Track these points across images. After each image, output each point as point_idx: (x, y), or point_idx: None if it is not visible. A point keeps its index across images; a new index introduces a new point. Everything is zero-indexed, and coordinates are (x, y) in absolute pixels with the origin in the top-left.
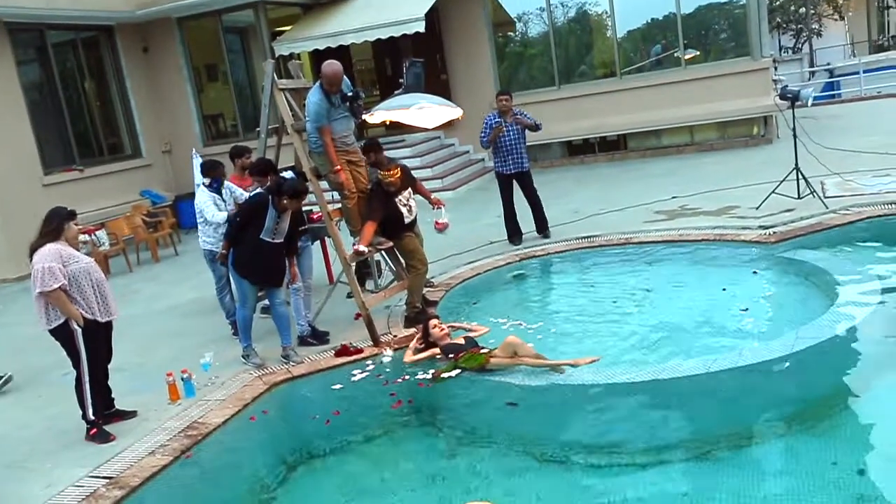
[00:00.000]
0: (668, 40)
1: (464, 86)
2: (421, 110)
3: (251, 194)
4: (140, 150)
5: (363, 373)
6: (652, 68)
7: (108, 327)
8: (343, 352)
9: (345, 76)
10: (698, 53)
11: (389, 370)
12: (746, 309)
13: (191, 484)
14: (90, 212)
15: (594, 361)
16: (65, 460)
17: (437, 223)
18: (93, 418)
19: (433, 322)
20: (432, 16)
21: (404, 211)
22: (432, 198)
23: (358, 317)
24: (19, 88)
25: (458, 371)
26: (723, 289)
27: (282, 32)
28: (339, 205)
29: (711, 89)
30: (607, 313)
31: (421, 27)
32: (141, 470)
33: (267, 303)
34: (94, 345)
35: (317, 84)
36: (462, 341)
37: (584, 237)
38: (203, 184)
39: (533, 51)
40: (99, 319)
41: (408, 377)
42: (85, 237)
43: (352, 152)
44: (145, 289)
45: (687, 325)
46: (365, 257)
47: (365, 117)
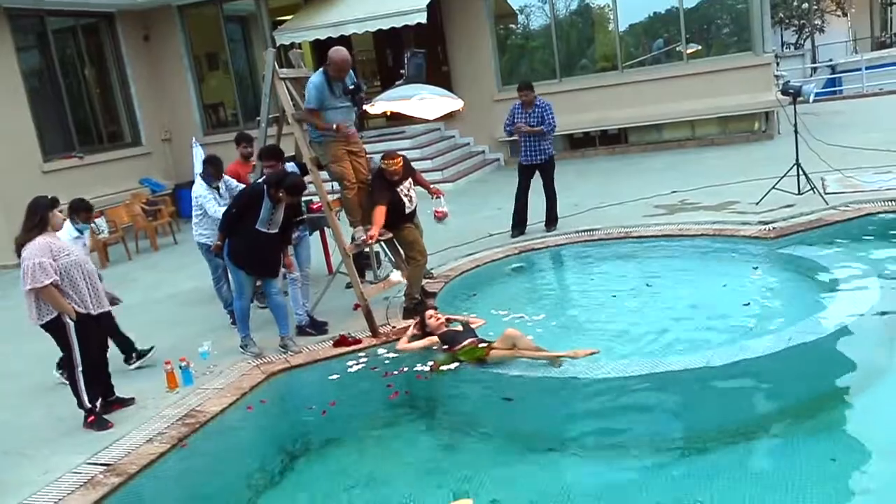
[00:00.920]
0: (671, 34)
1: (465, 77)
2: (422, 101)
3: (245, 185)
4: (140, 138)
5: (358, 364)
6: (654, 62)
7: (103, 318)
8: (342, 342)
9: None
10: (700, 48)
11: (389, 362)
12: (748, 304)
13: (188, 472)
14: (89, 199)
15: (593, 353)
16: (63, 447)
17: (436, 212)
18: (89, 406)
19: (429, 312)
20: (434, 7)
21: (406, 201)
22: (431, 187)
23: (357, 307)
24: (19, 75)
25: (457, 364)
26: (723, 284)
27: (283, 21)
28: (339, 195)
29: (713, 84)
30: (606, 307)
31: (423, 18)
32: (138, 457)
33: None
34: (87, 337)
35: (321, 69)
36: (460, 329)
37: (584, 230)
38: (199, 175)
39: (534, 43)
40: (92, 312)
41: (406, 369)
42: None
43: (353, 143)
44: (144, 277)
45: (685, 320)
46: (364, 248)
47: (366, 107)
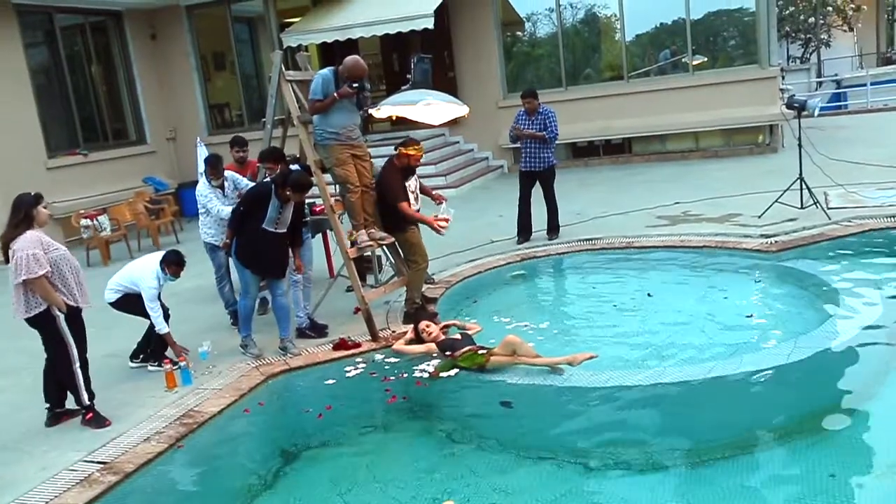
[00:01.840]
0: (677, 46)
1: (471, 84)
2: (427, 107)
3: (255, 184)
4: (145, 136)
5: (357, 369)
6: (659, 73)
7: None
8: (341, 345)
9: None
10: (706, 60)
11: (388, 367)
12: (750, 316)
13: (185, 472)
14: (93, 196)
15: (591, 358)
16: (60, 444)
17: (441, 219)
18: (88, 403)
19: (422, 325)
20: (441, 12)
21: (412, 198)
22: (433, 193)
23: (357, 311)
24: (27, 71)
25: (457, 370)
26: (724, 297)
27: (290, 24)
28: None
29: (718, 96)
30: (607, 316)
31: (430, 23)
32: (135, 456)
33: (262, 297)
34: (78, 332)
35: (333, 67)
36: (459, 337)
37: (586, 239)
38: (202, 174)
39: (540, 51)
40: (80, 305)
41: (405, 375)
42: (87, 222)
43: (357, 146)
44: None
45: (686, 331)
46: (366, 252)
47: (371, 112)
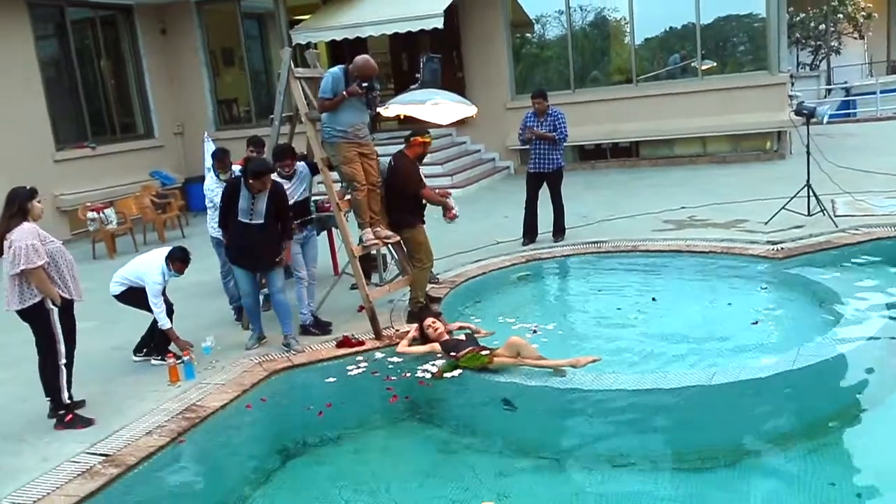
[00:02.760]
0: (686, 50)
1: (479, 84)
2: (436, 106)
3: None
4: (152, 130)
5: (359, 367)
6: (668, 77)
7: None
8: (345, 343)
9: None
10: (715, 65)
11: (391, 366)
12: (756, 322)
13: (186, 466)
14: (99, 189)
15: (595, 361)
16: (62, 435)
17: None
18: (68, 402)
19: (428, 322)
20: (451, 12)
21: None
22: (438, 190)
23: (361, 309)
24: (36, 64)
25: (460, 371)
26: (728, 303)
27: (300, 21)
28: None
29: (727, 101)
30: (610, 319)
31: (440, 23)
32: (137, 449)
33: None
34: (70, 325)
35: (343, 66)
36: (463, 338)
37: (592, 242)
38: (209, 169)
39: (549, 53)
40: (74, 299)
41: (408, 374)
42: (93, 214)
43: (364, 145)
44: None
45: (690, 336)
46: (371, 250)
47: (379, 110)
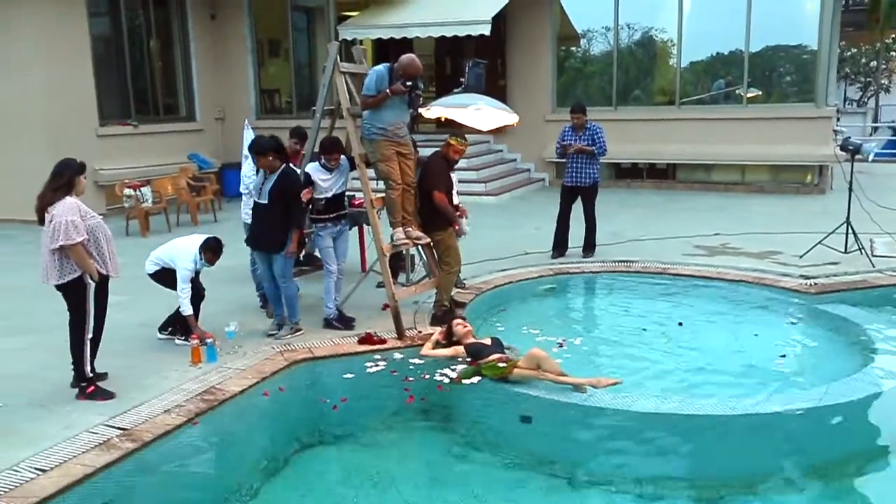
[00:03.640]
0: (732, 76)
1: (520, 94)
2: (478, 111)
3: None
4: (194, 113)
5: (378, 365)
6: (712, 102)
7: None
8: (367, 340)
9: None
10: (760, 93)
11: (412, 368)
12: (784, 356)
13: (200, 447)
14: (138, 167)
15: (616, 384)
16: (83, 405)
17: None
18: (91, 375)
19: (457, 321)
20: (499, 20)
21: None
22: (459, 206)
23: (385, 307)
24: (88, 39)
25: (479, 378)
26: (755, 334)
27: (348, 17)
28: (383, 194)
29: (770, 131)
30: (634, 340)
31: (486, 30)
32: (154, 426)
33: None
34: (102, 300)
35: (388, 64)
36: (489, 342)
37: (621, 261)
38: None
39: (593, 68)
40: (111, 275)
41: (427, 376)
42: (130, 191)
43: (403, 144)
44: None
45: (714, 364)
46: (401, 250)
47: (421, 111)
